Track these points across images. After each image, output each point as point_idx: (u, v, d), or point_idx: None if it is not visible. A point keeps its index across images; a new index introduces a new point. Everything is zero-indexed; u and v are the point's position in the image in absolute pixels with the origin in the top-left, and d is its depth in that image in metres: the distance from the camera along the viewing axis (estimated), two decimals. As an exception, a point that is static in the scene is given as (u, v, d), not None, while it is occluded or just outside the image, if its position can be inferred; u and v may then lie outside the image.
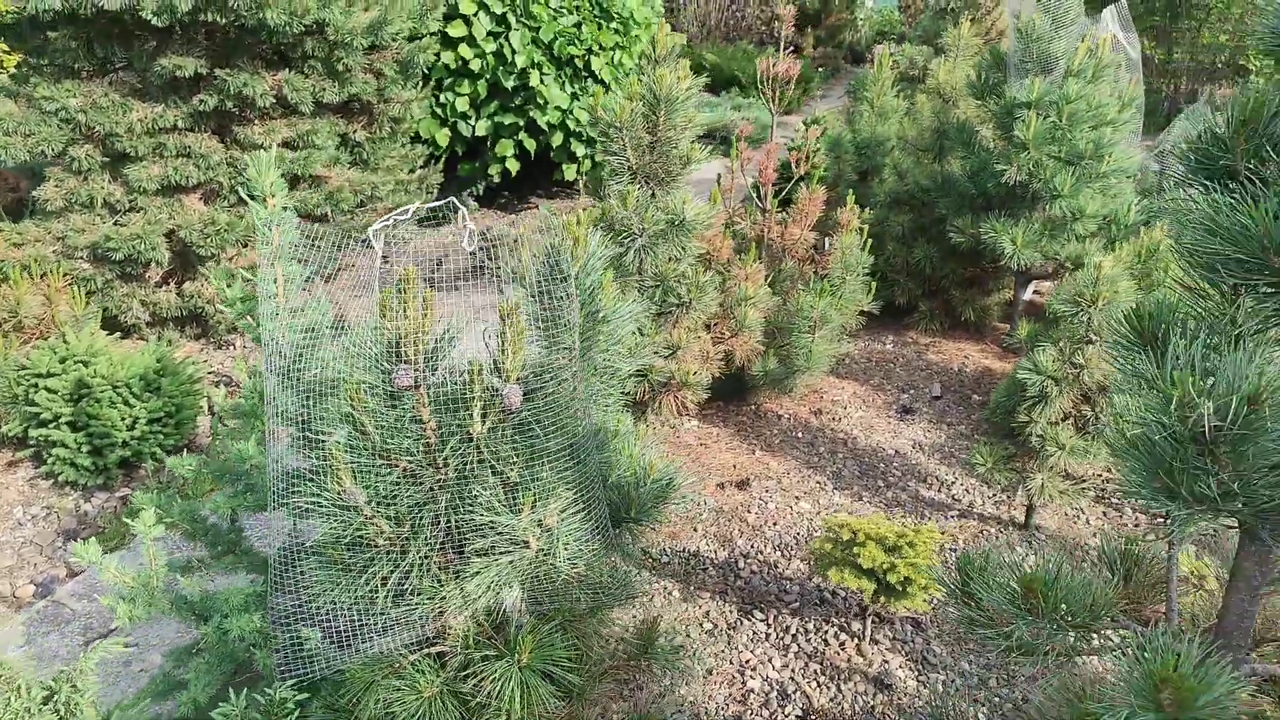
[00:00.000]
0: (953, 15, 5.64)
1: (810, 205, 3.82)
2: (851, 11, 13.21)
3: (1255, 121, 0.98)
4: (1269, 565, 1.15)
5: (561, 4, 5.97)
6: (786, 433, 3.92)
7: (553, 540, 1.60)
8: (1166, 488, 1.02)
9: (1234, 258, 0.97)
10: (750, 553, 3.10)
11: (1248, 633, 1.19)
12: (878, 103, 5.55)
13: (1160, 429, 0.99)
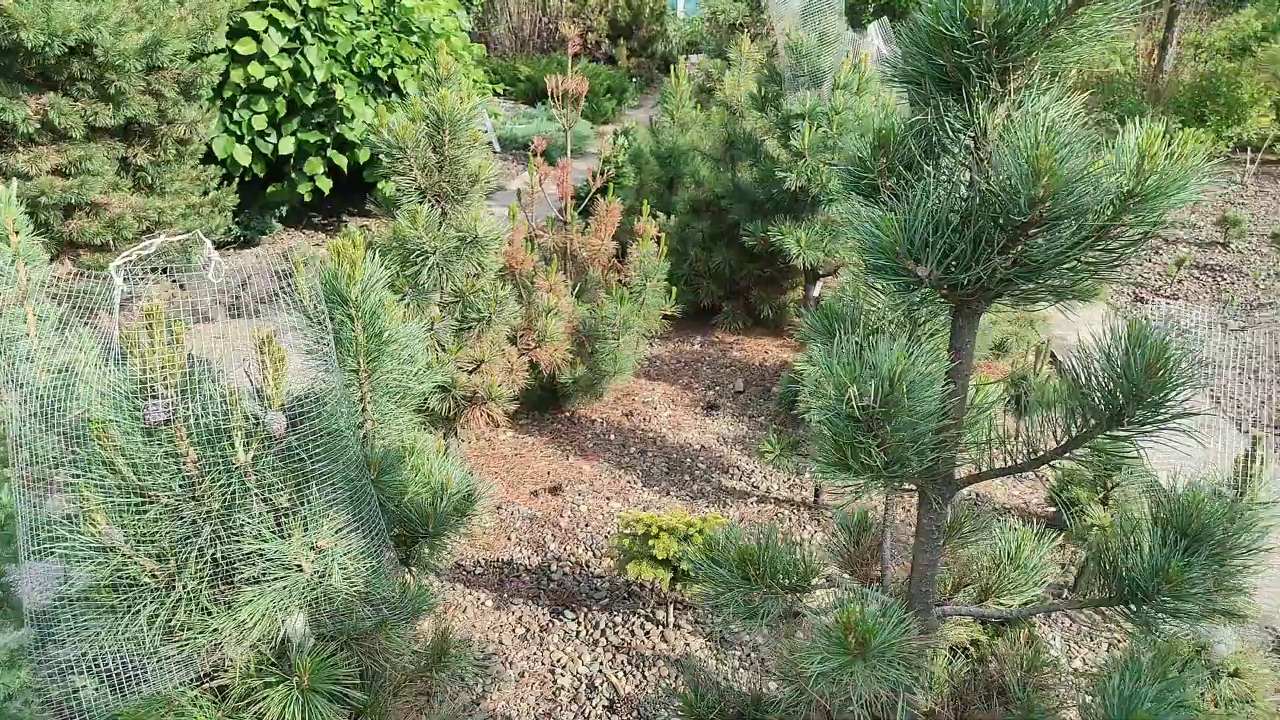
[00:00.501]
0: (741, 30, 5.98)
1: (609, 216, 3.96)
2: (661, 24, 13.63)
3: (886, 145, 1.16)
4: (943, 521, 1.35)
5: (359, 18, 5.89)
6: (600, 436, 4.04)
7: (328, 562, 1.62)
8: (840, 461, 1.18)
9: (876, 263, 1.14)
10: (563, 556, 3.19)
11: (933, 581, 1.38)
12: (678, 114, 5.80)
13: (830, 410, 1.15)
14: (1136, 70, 11.41)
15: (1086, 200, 1.04)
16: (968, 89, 1.07)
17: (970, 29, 0.99)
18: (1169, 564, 1.28)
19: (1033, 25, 0.98)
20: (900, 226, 1.11)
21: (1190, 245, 6.61)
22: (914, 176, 1.14)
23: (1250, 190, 8.23)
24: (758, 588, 1.31)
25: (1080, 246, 1.09)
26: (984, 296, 1.17)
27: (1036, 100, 1.05)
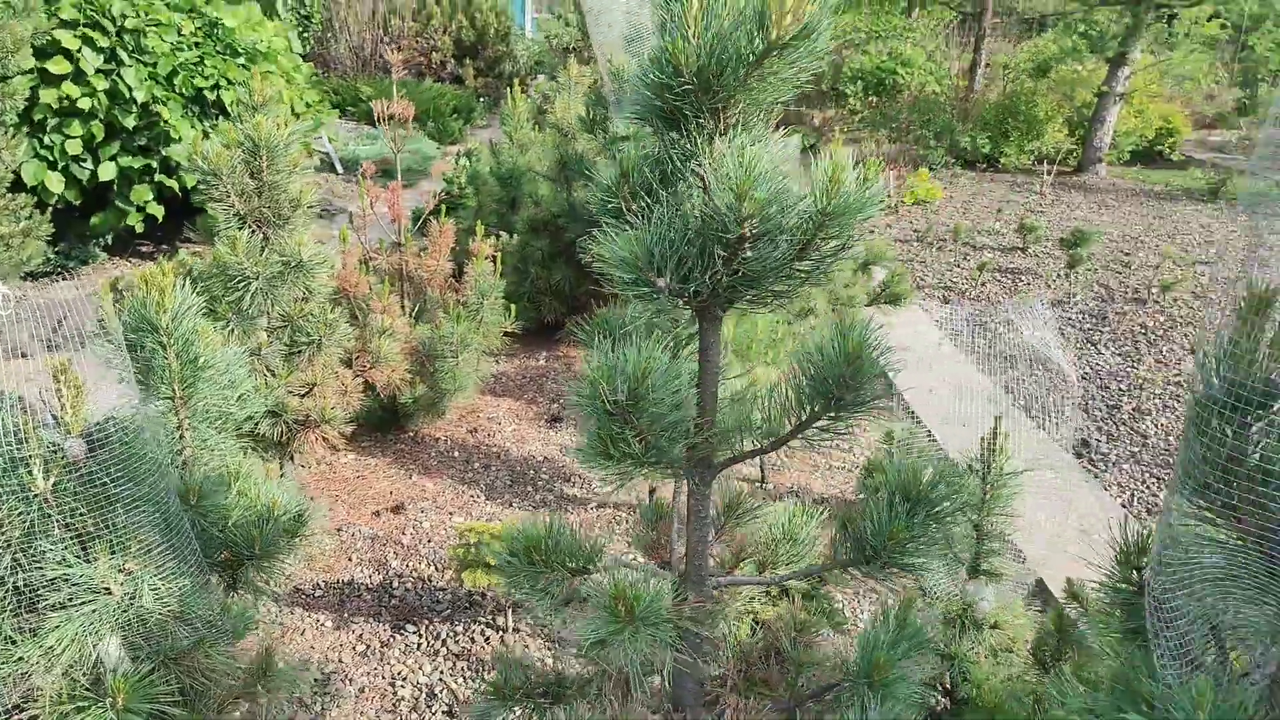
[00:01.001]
0: (575, 53, 6.19)
1: (443, 237, 4.05)
2: (508, 44, 13.74)
3: (627, 174, 1.33)
4: (707, 502, 1.53)
5: (181, 39, 5.73)
6: (443, 454, 4.10)
7: (138, 583, 1.66)
8: (604, 451, 1.34)
9: (624, 276, 1.30)
10: (405, 572, 3.24)
11: (705, 556, 1.56)
12: (516, 135, 5.93)
13: (590, 405, 1.31)
14: (950, 90, 12.36)
15: (785, 220, 1.24)
16: (687, 126, 1.25)
17: (677, 76, 1.17)
18: (894, 525, 1.51)
19: (730, 73, 1.17)
20: (641, 244, 1.28)
21: (994, 251, 7.26)
22: (653, 201, 1.32)
23: (1048, 199, 9.08)
24: (544, 571, 1.45)
25: (789, 258, 1.29)
26: (717, 303, 1.36)
27: (741, 135, 1.24)
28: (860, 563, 1.57)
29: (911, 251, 7.32)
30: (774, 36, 1.11)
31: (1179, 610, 1.24)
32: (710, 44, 1.13)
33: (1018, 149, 10.12)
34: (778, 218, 1.23)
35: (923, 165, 9.61)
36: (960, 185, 9.55)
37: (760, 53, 1.15)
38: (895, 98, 12.17)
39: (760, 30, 1.11)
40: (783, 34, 1.11)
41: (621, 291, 1.32)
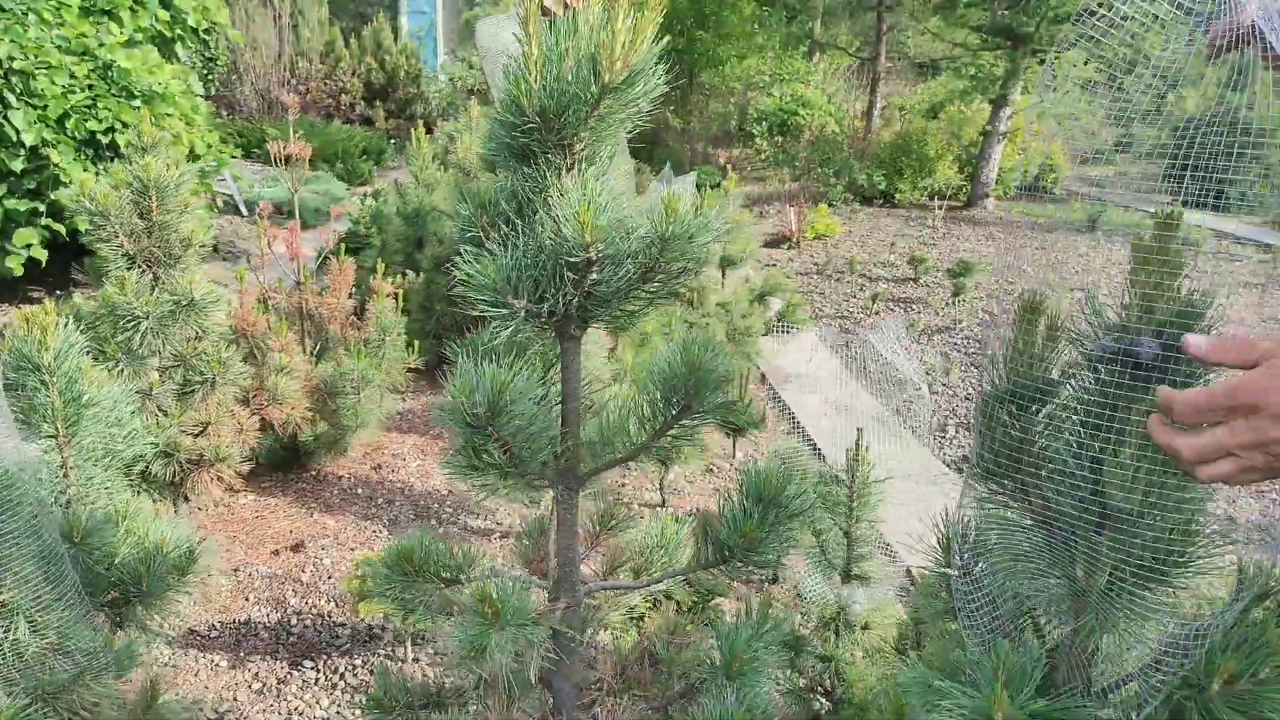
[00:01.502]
0: (479, 95, 6.32)
1: (343, 275, 4.09)
2: (418, 86, 13.81)
3: (485, 206, 1.44)
4: (574, 511, 1.63)
5: (73, 80, 5.65)
6: (347, 491, 4.10)
7: (12, 615, 1.66)
8: (470, 463, 1.43)
9: (483, 299, 1.41)
10: (304, 609, 3.24)
11: (575, 563, 1.66)
12: (422, 175, 6.01)
13: (456, 419, 1.40)
14: (849, 130, 12.92)
15: (628, 245, 1.37)
16: (536, 161, 1.37)
17: (523, 116, 1.29)
18: (747, 525, 1.63)
19: (571, 113, 1.30)
20: (499, 269, 1.39)
21: (888, 281, 7.61)
22: (510, 230, 1.43)
23: (940, 232, 9.56)
24: (415, 581, 1.52)
25: (635, 280, 1.41)
26: (572, 323, 1.47)
27: (585, 169, 1.37)
28: (720, 562, 1.69)
29: (812, 283, 7.62)
30: (607, 80, 1.25)
31: (988, 586, 1.38)
32: (551, 87, 1.26)
33: (911, 185, 10.63)
34: (619, 244, 1.35)
35: (823, 201, 10.01)
36: (859, 220, 9.98)
37: (596, 96, 1.28)
38: (798, 137, 12.66)
39: (594, 76, 1.24)
40: (614, 79, 1.24)
41: (482, 313, 1.43)
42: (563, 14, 1.24)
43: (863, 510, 2.46)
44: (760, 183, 12.07)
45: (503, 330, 1.44)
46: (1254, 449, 0.86)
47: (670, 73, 1.22)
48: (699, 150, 12.44)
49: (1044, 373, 1.26)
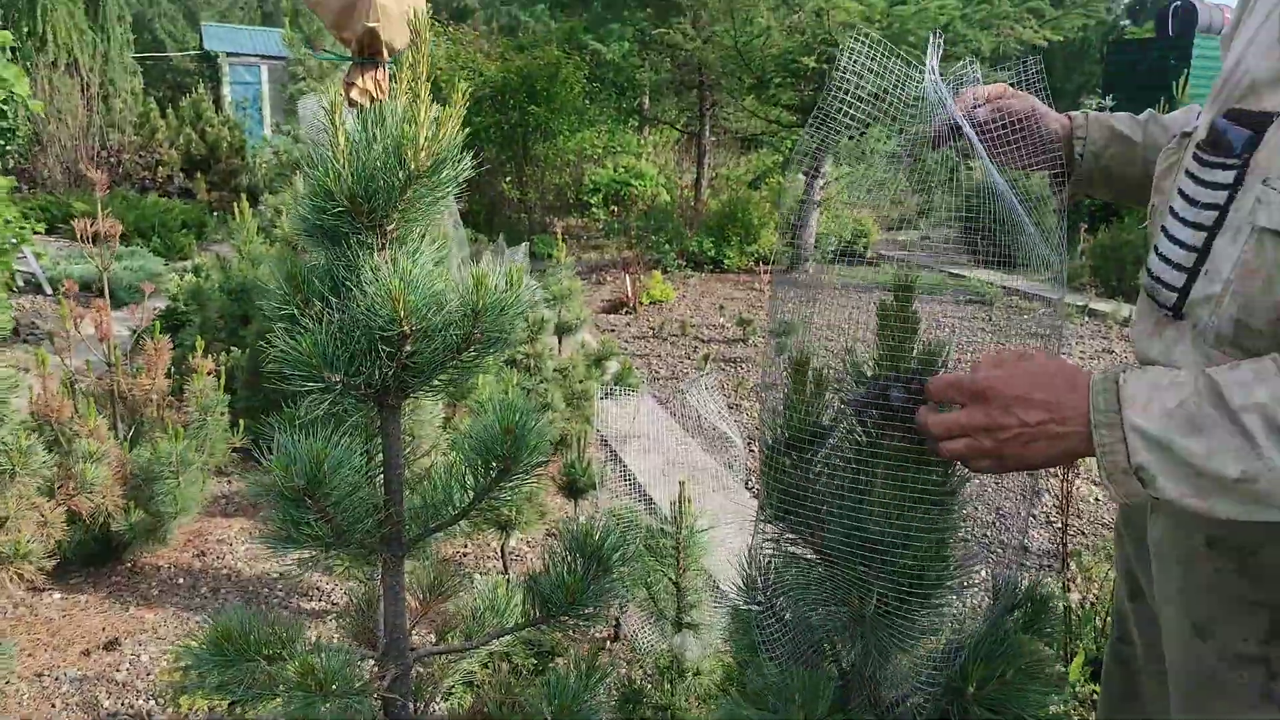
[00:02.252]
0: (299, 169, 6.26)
1: (159, 354, 3.92)
2: (243, 157, 13.41)
3: (298, 283, 1.49)
4: (400, 578, 1.67)
5: None
6: (167, 582, 3.87)
7: None
8: (288, 536, 1.45)
9: (299, 374, 1.45)
10: (119, 711, 3.02)
11: (404, 630, 1.68)
12: (246, 249, 5.85)
13: (273, 492, 1.42)
14: (680, 200, 13.54)
15: (442, 319, 1.45)
16: (348, 241, 1.44)
17: (332, 201, 1.36)
18: (570, 579, 1.72)
19: (381, 198, 1.39)
20: (315, 344, 1.43)
21: (719, 343, 7.98)
22: (325, 306, 1.49)
23: (766, 295, 10.10)
24: (237, 662, 1.51)
25: (451, 351, 1.50)
26: (390, 394, 1.53)
27: (397, 248, 1.45)
28: (547, 618, 1.76)
29: (649, 346, 7.88)
30: (413, 169, 1.34)
31: (788, 619, 1.51)
32: (359, 174, 1.34)
33: (739, 251, 11.22)
34: (433, 318, 1.44)
35: (657, 268, 10.40)
36: (691, 285, 10.42)
37: (403, 182, 1.37)
38: (632, 207, 13.14)
39: (400, 164, 1.34)
40: (419, 167, 1.34)
41: (299, 388, 1.47)
42: (369, 105, 1.33)
43: (690, 559, 2.59)
44: (598, 250, 12.41)
45: (320, 403, 1.49)
46: (984, 432, 1.02)
47: (505, 146, 1.30)
48: (536, 220, 12.68)
49: (816, 420, 1.42)
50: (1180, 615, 1.21)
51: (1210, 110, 1.16)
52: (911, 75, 1.28)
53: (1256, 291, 1.01)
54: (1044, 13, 9.87)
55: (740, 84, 11.49)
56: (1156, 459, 0.93)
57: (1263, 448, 0.87)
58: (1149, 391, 0.94)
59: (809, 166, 3.91)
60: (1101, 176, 1.43)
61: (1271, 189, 0.99)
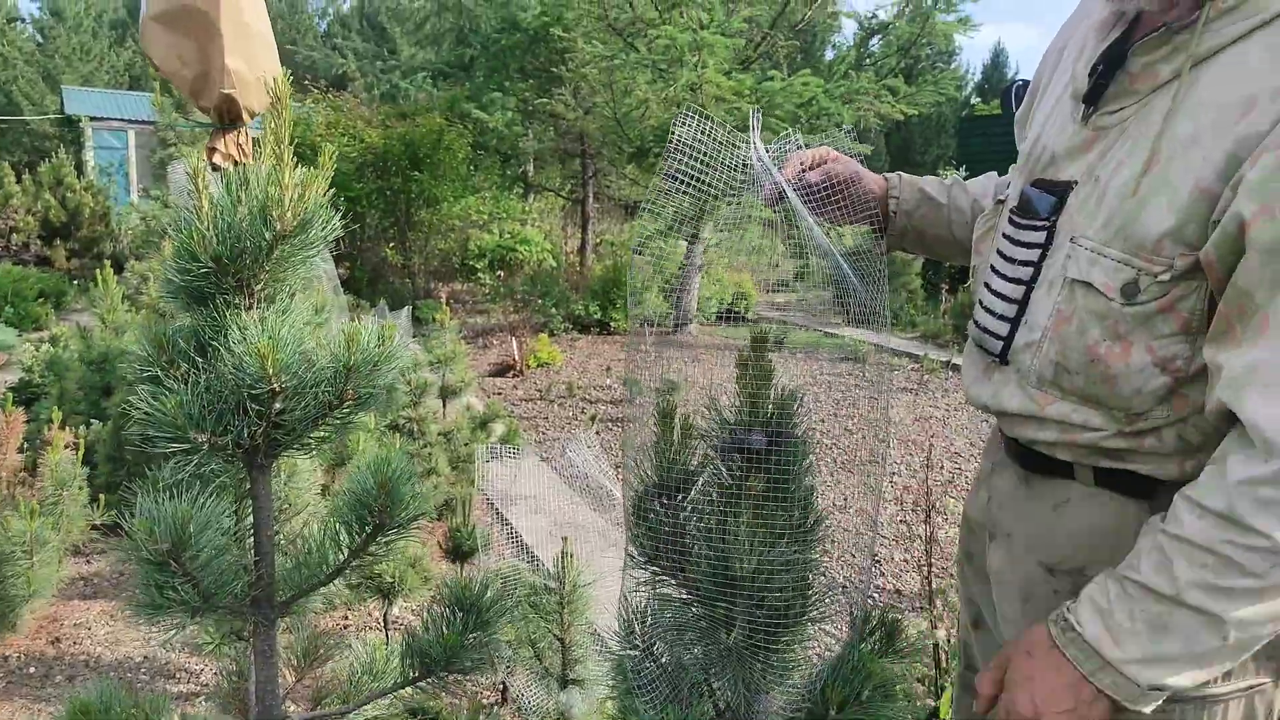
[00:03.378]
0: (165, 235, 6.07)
1: (11, 428, 3.70)
2: (107, 224, 12.85)
3: (163, 345, 1.49)
4: (273, 641, 1.64)
5: None
6: (16, 672, 3.60)
7: None
8: (153, 602, 1.42)
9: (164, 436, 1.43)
10: (-43, 818, 2.78)
11: (275, 695, 1.65)
12: (109, 318, 5.61)
13: (137, 557, 1.39)
14: (565, 264, 13.71)
15: (313, 376, 1.47)
16: (214, 301, 1.45)
17: (196, 262, 1.38)
18: (448, 635, 1.72)
19: (248, 259, 1.41)
20: (181, 405, 1.43)
21: (605, 403, 8.06)
22: (191, 367, 1.48)
23: (651, 356, 10.28)
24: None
25: (324, 408, 1.51)
26: (261, 454, 1.53)
27: (266, 308, 1.47)
28: (425, 675, 1.75)
29: (536, 409, 7.89)
30: (279, 229, 1.37)
31: (665, 661, 1.55)
32: (224, 236, 1.36)
33: (624, 314, 11.41)
34: (304, 375, 1.45)
35: (544, 331, 10.46)
36: (578, 348, 10.52)
37: (270, 243, 1.40)
38: (518, 272, 13.22)
39: (266, 225, 1.37)
40: (285, 228, 1.37)
41: (164, 449, 1.45)
42: (233, 168, 1.36)
43: (575, 615, 2.61)
44: (484, 315, 12.39)
45: (186, 465, 1.47)
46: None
47: (388, 212, 1.32)
48: (421, 285, 12.58)
49: (684, 465, 1.49)
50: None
51: (1019, 180, 1.32)
52: (737, 145, 1.40)
53: (1070, 335, 1.14)
54: (899, 90, 10.62)
55: (621, 153, 11.83)
56: (1159, 673, 1.02)
57: (1220, 613, 0.97)
58: (1100, 617, 1.06)
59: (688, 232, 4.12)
60: (913, 234, 1.58)
61: (1079, 246, 1.13)
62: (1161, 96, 1.08)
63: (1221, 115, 1.00)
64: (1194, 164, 1.01)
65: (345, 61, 18.88)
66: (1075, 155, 1.19)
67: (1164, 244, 1.04)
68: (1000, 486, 1.37)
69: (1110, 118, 1.15)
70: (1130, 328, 1.07)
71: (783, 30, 10.91)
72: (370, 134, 11.92)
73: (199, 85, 1.30)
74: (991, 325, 1.27)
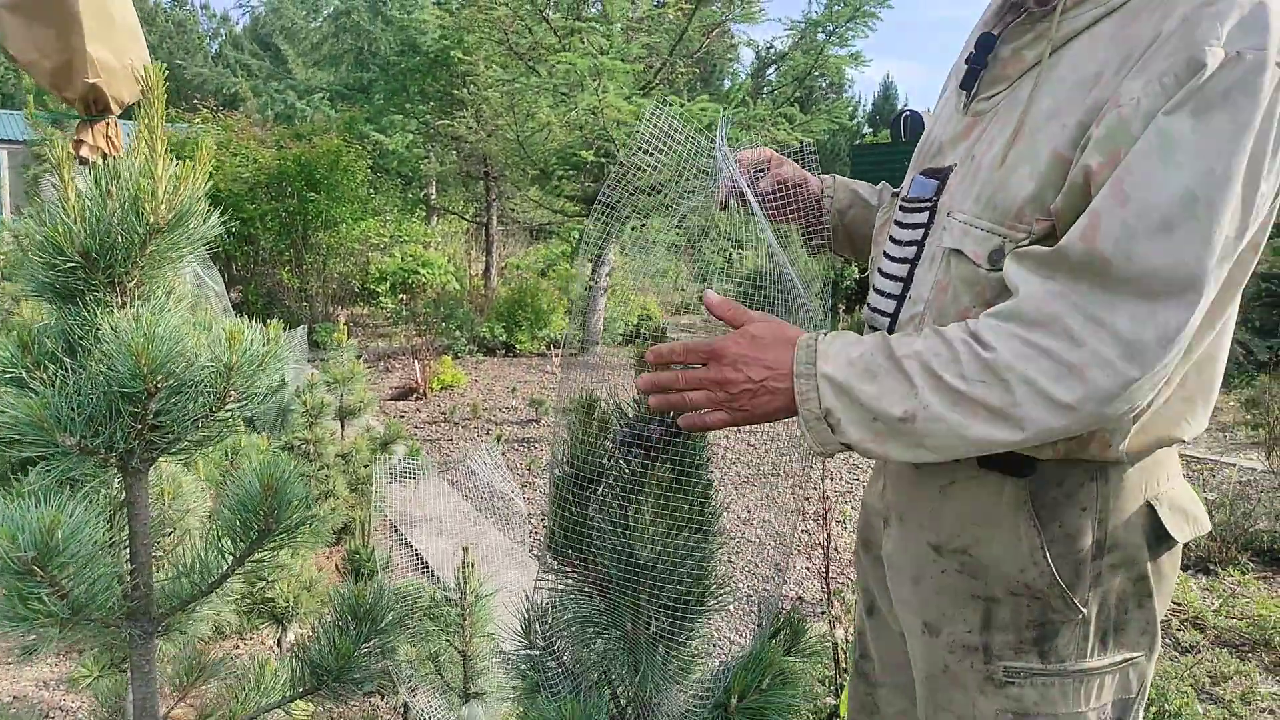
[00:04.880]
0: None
1: None
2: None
3: (28, 345, 1.42)
4: (151, 656, 1.57)
5: None
6: None
7: None
8: (16, 614, 1.34)
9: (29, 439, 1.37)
10: None
11: (155, 712, 1.58)
12: (-23, 343, 5.27)
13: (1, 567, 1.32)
14: (469, 287, 13.58)
15: (193, 375, 1.43)
16: (84, 298, 1.40)
17: (63, 256, 1.33)
18: (340, 642, 1.68)
19: (120, 253, 1.36)
20: (47, 407, 1.36)
21: (512, 424, 8.00)
22: (59, 368, 1.42)
23: (558, 377, 10.26)
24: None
25: (206, 409, 1.47)
26: (135, 457, 1.47)
27: (139, 304, 1.42)
28: (317, 687, 1.70)
29: (440, 431, 7.77)
30: (153, 223, 1.34)
31: (566, 658, 1.55)
32: (93, 229, 1.32)
33: (530, 336, 11.37)
34: (183, 374, 1.41)
35: (448, 354, 10.32)
36: (483, 369, 10.41)
37: (143, 236, 1.36)
38: (420, 295, 13.03)
39: (138, 217, 1.33)
40: (159, 220, 1.34)
41: (31, 453, 1.38)
42: (102, 162, 1.32)
43: (476, 627, 2.57)
44: (385, 338, 12.15)
45: (54, 470, 1.40)
46: (717, 386, 1.14)
47: (283, 234, 1.28)
48: (319, 309, 12.25)
49: (598, 458, 1.50)
50: (914, 618, 1.32)
51: (911, 172, 1.39)
52: (701, 147, 1.43)
53: (946, 304, 1.18)
54: (795, 117, 10.97)
55: (525, 175, 11.85)
56: (841, 405, 1.06)
57: (919, 388, 1.02)
58: (840, 347, 1.09)
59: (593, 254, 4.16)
60: (845, 234, 1.59)
61: (954, 219, 1.20)
62: (1027, 80, 1.17)
63: (1075, 90, 1.09)
64: (1053, 134, 1.09)
65: (238, 81, 18.35)
66: (957, 142, 1.27)
67: (1025, 211, 1.11)
68: (894, 471, 1.42)
69: (986, 104, 1.24)
70: (996, 293, 1.13)
71: (681, 57, 11.15)
72: (264, 154, 11.60)
73: (60, 76, 1.26)
74: (880, 304, 1.33)
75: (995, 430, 1.01)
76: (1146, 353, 0.97)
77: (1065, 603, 1.17)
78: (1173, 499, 1.23)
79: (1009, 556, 1.19)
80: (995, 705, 1.22)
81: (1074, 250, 1.00)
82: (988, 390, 1.00)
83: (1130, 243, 0.97)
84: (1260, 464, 5.93)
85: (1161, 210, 0.97)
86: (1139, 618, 1.22)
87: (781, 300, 1.41)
